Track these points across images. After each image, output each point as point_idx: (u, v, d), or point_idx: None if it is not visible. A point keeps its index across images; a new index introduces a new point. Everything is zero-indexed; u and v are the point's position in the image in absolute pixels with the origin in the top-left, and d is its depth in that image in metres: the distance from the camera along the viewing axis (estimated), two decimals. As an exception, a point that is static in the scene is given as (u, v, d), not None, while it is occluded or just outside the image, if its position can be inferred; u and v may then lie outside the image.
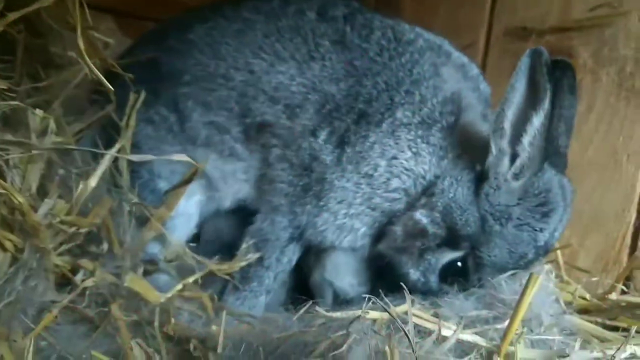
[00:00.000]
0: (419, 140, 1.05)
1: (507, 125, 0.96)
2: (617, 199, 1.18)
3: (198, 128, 1.16)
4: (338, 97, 1.08)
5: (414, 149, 1.05)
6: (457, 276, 1.01)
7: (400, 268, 1.05)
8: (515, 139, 0.96)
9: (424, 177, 1.06)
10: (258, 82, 1.11)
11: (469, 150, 1.06)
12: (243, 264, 1.08)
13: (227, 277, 1.09)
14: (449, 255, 1.02)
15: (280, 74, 1.11)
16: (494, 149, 0.98)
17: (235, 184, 1.19)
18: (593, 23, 1.22)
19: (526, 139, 0.95)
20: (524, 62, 0.93)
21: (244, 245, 1.12)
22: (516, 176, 0.98)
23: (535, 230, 0.99)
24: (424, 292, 1.02)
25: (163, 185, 1.18)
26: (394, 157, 1.05)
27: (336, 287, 1.11)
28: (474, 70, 1.20)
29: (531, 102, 0.93)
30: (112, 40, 1.24)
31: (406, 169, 1.05)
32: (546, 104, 0.91)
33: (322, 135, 1.08)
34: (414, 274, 1.03)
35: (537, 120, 0.93)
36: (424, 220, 1.02)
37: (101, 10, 1.50)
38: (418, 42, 1.13)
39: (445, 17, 1.61)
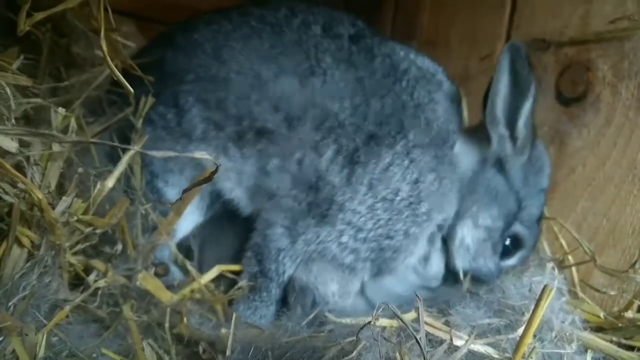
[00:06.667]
0: (436, 164, 1.11)
1: (499, 112, 1.10)
2: (634, 214, 1.15)
3: (195, 122, 1.15)
4: (342, 115, 1.09)
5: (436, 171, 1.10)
6: (513, 246, 1.19)
7: (481, 274, 1.17)
8: (510, 123, 1.10)
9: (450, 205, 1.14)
10: (262, 88, 1.11)
11: (482, 146, 1.16)
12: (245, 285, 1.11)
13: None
14: (505, 236, 1.18)
15: (284, 84, 1.11)
16: (493, 137, 1.13)
17: (226, 181, 1.18)
18: (612, 36, 1.20)
19: (521, 122, 1.08)
20: (504, 57, 1.06)
21: (244, 259, 1.14)
22: (520, 152, 1.13)
23: (541, 190, 1.20)
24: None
25: (161, 185, 1.19)
26: (417, 181, 1.08)
27: (318, 294, 1.11)
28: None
29: (518, 90, 1.07)
30: (133, 44, 1.26)
31: (433, 191, 1.10)
32: (533, 90, 1.05)
33: (327, 154, 1.08)
34: (485, 267, 1.17)
35: (528, 105, 1.06)
36: (489, 222, 1.15)
37: (122, 14, 1.53)
38: (412, 71, 1.17)
39: (463, 28, 1.61)
